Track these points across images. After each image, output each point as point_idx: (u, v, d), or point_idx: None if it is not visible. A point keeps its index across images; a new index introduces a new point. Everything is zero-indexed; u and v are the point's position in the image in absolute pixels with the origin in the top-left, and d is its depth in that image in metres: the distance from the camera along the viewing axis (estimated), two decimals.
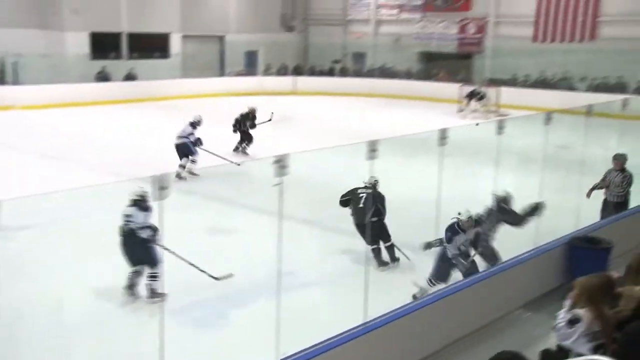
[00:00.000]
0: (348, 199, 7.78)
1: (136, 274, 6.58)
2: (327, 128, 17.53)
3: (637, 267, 4.46)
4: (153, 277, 6.50)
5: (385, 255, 7.80)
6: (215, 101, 22.77)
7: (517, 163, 12.11)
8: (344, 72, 27.11)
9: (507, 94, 21.00)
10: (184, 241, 6.92)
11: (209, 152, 11.84)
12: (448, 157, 6.23)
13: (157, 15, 24.88)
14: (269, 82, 25.44)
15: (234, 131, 14.18)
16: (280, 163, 4.78)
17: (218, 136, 14.41)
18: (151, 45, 24.91)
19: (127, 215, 6.41)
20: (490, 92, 21.04)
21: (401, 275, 7.54)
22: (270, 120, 14.50)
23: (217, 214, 9.67)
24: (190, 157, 11.61)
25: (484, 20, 24.85)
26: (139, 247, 6.37)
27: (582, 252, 7.14)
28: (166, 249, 6.30)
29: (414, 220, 9.02)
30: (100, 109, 20.58)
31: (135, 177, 6.55)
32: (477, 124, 16.11)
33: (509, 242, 7.70)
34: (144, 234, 6.30)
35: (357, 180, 7.75)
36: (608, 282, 4.19)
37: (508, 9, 24.16)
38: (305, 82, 25.88)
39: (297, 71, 27.02)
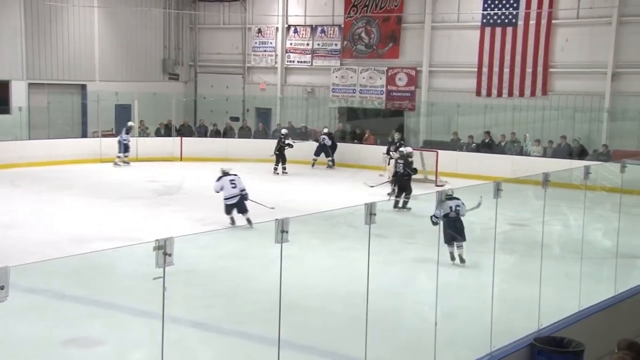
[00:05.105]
0: None
1: None
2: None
3: None
4: None
5: None
6: (79, 169, 22.39)
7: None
8: (244, 133, 27.34)
9: (447, 158, 21.90)
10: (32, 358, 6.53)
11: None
12: (378, 239, 6.34)
13: None
14: (146, 145, 25.21)
15: None
16: (162, 249, 4.70)
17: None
18: None
19: None
20: (427, 156, 21.88)
21: None
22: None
23: (75, 318, 9.24)
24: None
25: (416, 69, 26.16)
26: None
27: (547, 357, 7.35)
28: None
29: (338, 320, 9.07)
30: None
31: None
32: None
33: (458, 346, 7.84)
34: None
35: (264, 267, 7.70)
36: None
37: (445, 57, 25.60)
38: (194, 145, 25.86)
39: (183, 131, 26.98)
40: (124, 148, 23.42)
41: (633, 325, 8.20)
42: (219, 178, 14.97)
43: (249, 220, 14.40)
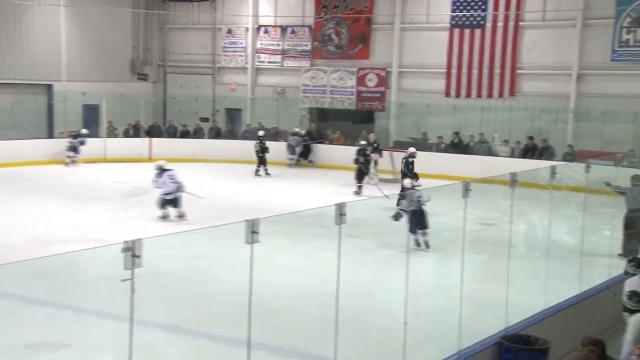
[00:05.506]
0: None
1: None
2: (193, 204, 17.34)
3: None
4: None
5: None
6: (45, 170, 22.11)
7: (433, 244, 12.61)
8: (214, 133, 27.25)
9: (417, 159, 21.94)
10: None
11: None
12: (349, 239, 6.36)
13: None
14: (114, 145, 25.02)
15: None
16: (131, 251, 4.66)
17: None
18: None
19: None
20: (397, 157, 21.98)
21: None
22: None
23: (39, 322, 9.11)
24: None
25: (386, 70, 26.28)
26: None
27: (514, 355, 7.43)
28: None
29: (309, 320, 9.07)
30: None
31: None
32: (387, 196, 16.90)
33: (428, 345, 7.90)
34: None
35: (234, 268, 7.67)
36: None
37: (414, 58, 25.76)
38: (164, 145, 25.65)
39: (152, 131, 26.80)
40: (72, 149, 23.56)
41: (597, 323, 8.33)
42: (159, 174, 15.48)
43: (181, 214, 15.32)
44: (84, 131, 24.16)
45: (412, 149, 18.92)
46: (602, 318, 8.59)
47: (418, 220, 12.33)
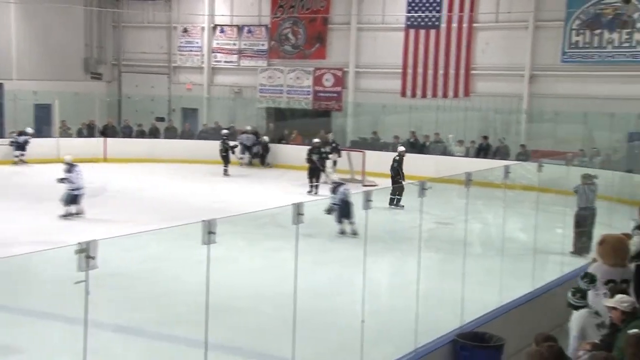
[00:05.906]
0: None
1: None
2: (148, 205, 17.18)
3: None
4: None
5: None
6: None
7: (390, 243, 12.69)
8: (170, 133, 27.03)
9: (374, 159, 22.13)
10: None
11: None
12: (306, 239, 6.37)
13: None
14: (68, 145, 24.59)
15: None
16: (85, 252, 4.60)
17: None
18: None
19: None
20: (354, 156, 22.09)
21: None
22: None
23: None
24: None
25: (343, 70, 26.37)
26: None
27: (469, 352, 7.53)
28: None
29: (268, 321, 9.07)
30: None
31: None
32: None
33: (385, 343, 7.95)
34: None
35: (191, 269, 7.62)
36: None
37: (371, 58, 25.91)
38: (118, 145, 25.39)
39: (107, 131, 26.46)
40: (17, 147, 23.40)
41: (550, 320, 8.47)
42: (69, 170, 15.56)
43: (80, 211, 15.48)
44: (29, 130, 23.85)
45: (401, 148, 19.01)
46: (555, 315, 8.74)
47: (344, 211, 13.86)
